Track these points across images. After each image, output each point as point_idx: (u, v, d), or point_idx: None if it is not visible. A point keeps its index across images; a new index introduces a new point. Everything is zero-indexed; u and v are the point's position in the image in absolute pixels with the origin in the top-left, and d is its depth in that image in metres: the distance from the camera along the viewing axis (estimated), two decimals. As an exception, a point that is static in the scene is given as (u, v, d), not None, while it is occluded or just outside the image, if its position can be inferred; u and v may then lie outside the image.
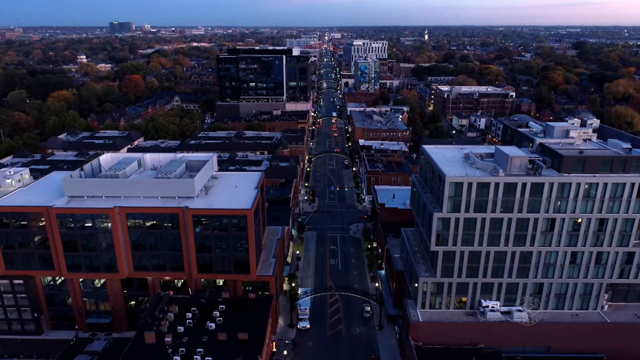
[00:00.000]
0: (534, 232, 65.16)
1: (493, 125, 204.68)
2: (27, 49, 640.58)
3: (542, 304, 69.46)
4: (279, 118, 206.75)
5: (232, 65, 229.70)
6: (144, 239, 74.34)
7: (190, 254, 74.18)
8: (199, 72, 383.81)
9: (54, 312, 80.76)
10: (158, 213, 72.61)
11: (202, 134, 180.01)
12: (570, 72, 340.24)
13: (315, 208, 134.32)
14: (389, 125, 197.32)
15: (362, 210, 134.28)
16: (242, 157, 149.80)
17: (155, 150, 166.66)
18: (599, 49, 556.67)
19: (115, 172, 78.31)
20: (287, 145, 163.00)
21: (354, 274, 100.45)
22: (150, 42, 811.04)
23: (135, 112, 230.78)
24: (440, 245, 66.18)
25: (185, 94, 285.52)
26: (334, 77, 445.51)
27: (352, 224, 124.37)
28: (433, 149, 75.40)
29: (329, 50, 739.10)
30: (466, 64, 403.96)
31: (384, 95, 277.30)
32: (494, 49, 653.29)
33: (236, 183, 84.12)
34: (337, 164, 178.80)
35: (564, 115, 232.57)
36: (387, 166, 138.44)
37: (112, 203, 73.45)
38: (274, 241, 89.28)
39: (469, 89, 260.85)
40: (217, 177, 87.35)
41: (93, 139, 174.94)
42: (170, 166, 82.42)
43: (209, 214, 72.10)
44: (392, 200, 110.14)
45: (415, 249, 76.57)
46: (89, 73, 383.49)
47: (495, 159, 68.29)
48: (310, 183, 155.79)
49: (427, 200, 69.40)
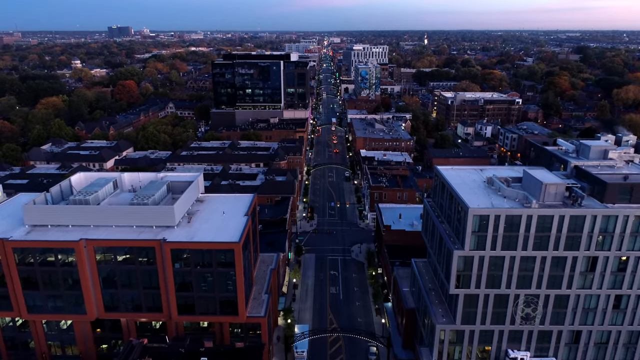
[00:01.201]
0: (571, 273, 55.24)
1: (501, 134, 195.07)
2: (24, 53, 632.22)
3: (580, 354, 59.31)
4: (276, 127, 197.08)
5: (227, 70, 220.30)
6: (116, 275, 64.24)
7: (169, 292, 64.06)
8: (195, 77, 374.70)
9: (14, 356, 70.45)
10: (131, 246, 62.56)
11: (194, 144, 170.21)
12: (576, 78, 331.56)
13: (314, 227, 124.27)
14: (391, 134, 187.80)
15: (365, 228, 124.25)
16: (236, 170, 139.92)
17: (145, 161, 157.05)
18: (602, 53, 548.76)
19: (85, 197, 68.26)
20: (284, 156, 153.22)
21: (357, 305, 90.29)
22: (149, 47, 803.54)
23: (127, 120, 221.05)
24: (462, 287, 56.21)
25: (180, 100, 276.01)
26: (334, 82, 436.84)
27: (355, 245, 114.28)
28: (449, 171, 65.57)
29: (328, 55, 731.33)
30: (468, 69, 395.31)
31: (385, 102, 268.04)
32: (495, 53, 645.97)
33: (224, 207, 74.12)
34: (337, 176, 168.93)
35: (573, 123, 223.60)
36: (392, 181, 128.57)
37: (79, 234, 63.45)
38: (267, 272, 79.21)
39: (474, 96, 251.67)
40: (203, 201, 77.34)
41: (79, 149, 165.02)
42: (149, 189, 72.45)
43: (190, 248, 62.07)
44: (398, 221, 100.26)
45: (429, 286, 66.49)
46: (82, 78, 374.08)
47: (523, 184, 58.46)
48: (309, 198, 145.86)
49: (443, 232, 59.44)
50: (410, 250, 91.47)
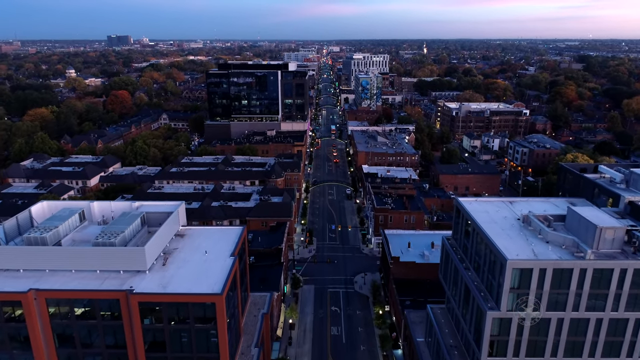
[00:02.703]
0: (633, 338, 44.36)
1: (510, 148, 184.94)
2: (20, 62, 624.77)
3: None
4: (273, 140, 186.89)
5: (222, 81, 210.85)
6: (74, 332, 53.31)
7: (137, 353, 53.10)
8: (191, 87, 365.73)
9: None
10: (91, 298, 51.72)
11: (185, 159, 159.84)
12: (582, 87, 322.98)
13: (312, 253, 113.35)
14: (395, 148, 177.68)
15: (369, 254, 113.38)
16: (229, 190, 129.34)
17: (132, 178, 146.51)
18: (604, 62, 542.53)
19: (43, 234, 57.59)
20: (281, 173, 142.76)
21: (362, 351, 79.13)
22: (147, 56, 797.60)
23: (116, 133, 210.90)
24: (496, 355, 45.27)
25: (174, 111, 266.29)
26: (333, 92, 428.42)
27: (358, 275, 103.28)
28: (473, 205, 55.09)
29: (327, 64, 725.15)
30: (471, 79, 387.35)
31: (387, 113, 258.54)
32: (496, 62, 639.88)
33: (207, 244, 63.44)
34: (338, 193, 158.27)
35: (584, 136, 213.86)
36: (398, 202, 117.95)
37: (30, 281, 52.81)
38: (258, 317, 68.29)
39: (479, 106, 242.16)
40: (184, 235, 66.62)
41: (62, 165, 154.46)
42: (120, 222, 61.77)
43: (161, 301, 51.25)
44: (407, 251, 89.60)
45: (450, 343, 55.54)
46: (76, 88, 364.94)
47: (568, 225, 47.94)
48: (308, 218, 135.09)
49: (471, 284, 48.73)
50: (422, 286, 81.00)
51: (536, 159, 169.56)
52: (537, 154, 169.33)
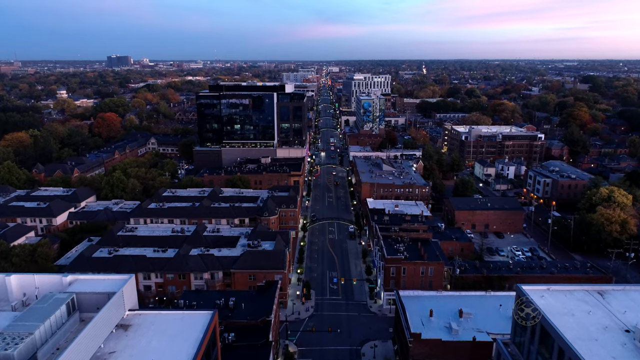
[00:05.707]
0: None
1: (530, 178, 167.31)
2: (15, 82, 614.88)
3: None
4: (267, 169, 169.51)
5: (214, 102, 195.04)
6: None
7: None
8: (184, 108, 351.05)
9: None
10: None
11: (168, 192, 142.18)
12: (594, 109, 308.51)
13: (310, 311, 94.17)
14: (402, 177, 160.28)
15: (378, 314, 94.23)
16: (212, 231, 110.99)
17: (105, 215, 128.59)
18: (609, 82, 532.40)
19: None
20: (275, 210, 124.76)
21: None
22: (145, 76, 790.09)
23: (97, 160, 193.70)
24: None
25: (164, 134, 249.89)
26: (333, 113, 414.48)
27: (366, 344, 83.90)
28: (545, 299, 37.01)
29: (327, 85, 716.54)
30: (476, 100, 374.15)
31: (390, 136, 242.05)
32: (497, 82, 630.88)
33: (160, 342, 45.02)
34: (339, 231, 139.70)
35: (607, 162, 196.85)
36: (411, 248, 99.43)
37: None
38: None
39: (490, 130, 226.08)
40: (130, 326, 48.08)
41: (27, 199, 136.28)
42: (36, 311, 43.62)
43: None
44: (428, 322, 70.93)
45: None
46: (65, 109, 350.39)
47: None
48: (305, 264, 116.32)
49: None
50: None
51: (561, 190, 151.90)
52: (561, 185, 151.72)
